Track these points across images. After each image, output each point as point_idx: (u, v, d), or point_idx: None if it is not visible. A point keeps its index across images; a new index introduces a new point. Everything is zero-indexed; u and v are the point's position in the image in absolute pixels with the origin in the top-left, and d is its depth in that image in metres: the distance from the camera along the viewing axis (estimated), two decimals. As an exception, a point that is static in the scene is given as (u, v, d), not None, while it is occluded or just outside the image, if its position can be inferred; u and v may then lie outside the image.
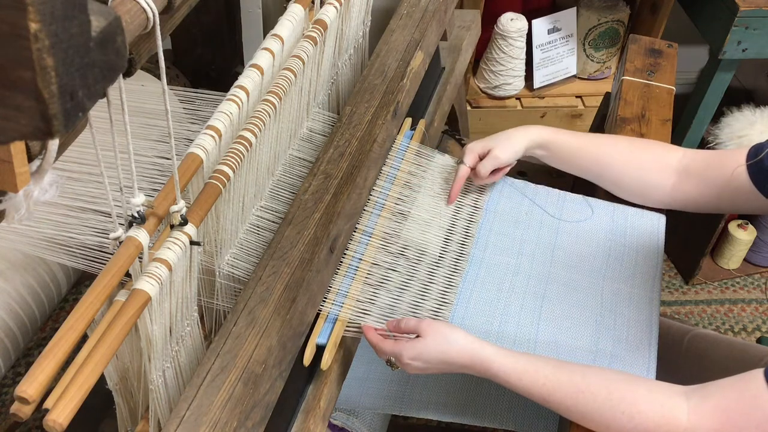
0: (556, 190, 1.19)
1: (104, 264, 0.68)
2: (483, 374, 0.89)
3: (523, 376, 0.86)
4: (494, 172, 1.12)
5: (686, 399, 0.82)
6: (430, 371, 0.91)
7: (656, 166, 1.09)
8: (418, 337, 0.90)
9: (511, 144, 1.10)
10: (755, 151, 0.99)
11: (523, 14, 2.02)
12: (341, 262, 0.97)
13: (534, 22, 2.02)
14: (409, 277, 1.01)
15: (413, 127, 1.16)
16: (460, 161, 1.12)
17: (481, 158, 1.11)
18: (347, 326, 0.94)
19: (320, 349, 0.90)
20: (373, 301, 0.97)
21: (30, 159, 0.48)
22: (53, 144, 0.50)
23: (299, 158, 1.01)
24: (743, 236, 2.03)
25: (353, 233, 1.00)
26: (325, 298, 0.93)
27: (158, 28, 0.59)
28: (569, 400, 0.84)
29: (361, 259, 1.00)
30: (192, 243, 0.74)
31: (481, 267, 1.07)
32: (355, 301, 0.95)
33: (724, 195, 1.03)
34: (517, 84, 2.10)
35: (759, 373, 0.78)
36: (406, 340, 0.91)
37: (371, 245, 1.01)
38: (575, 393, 0.84)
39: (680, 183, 1.08)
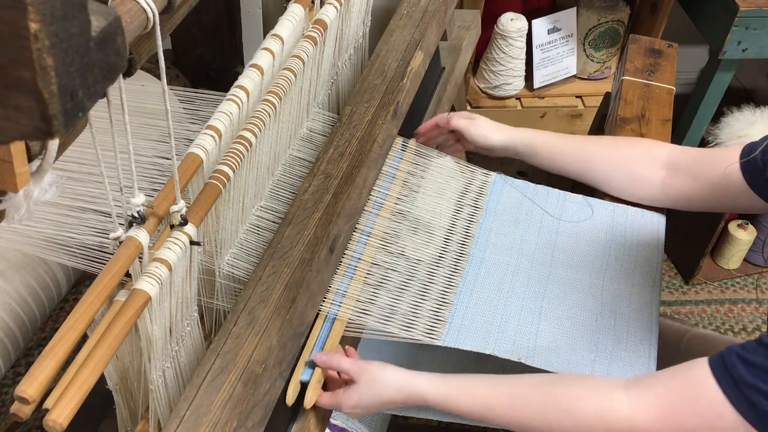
0: (556, 190, 1.19)
1: (104, 264, 0.68)
2: (422, 405, 0.88)
3: (459, 398, 0.85)
4: (459, 141, 1.19)
5: (626, 390, 0.80)
6: (374, 412, 0.91)
7: (643, 159, 1.10)
8: (352, 383, 0.89)
9: (493, 127, 1.16)
10: (749, 150, 0.99)
11: (523, 14, 2.02)
12: (341, 262, 0.97)
13: (534, 22, 2.02)
14: (409, 277, 1.01)
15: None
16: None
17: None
18: (347, 326, 0.94)
19: (303, 386, 0.88)
20: (373, 301, 0.97)
21: (30, 159, 0.48)
22: (53, 144, 0.50)
23: (299, 158, 1.01)
24: (743, 236, 2.03)
25: (353, 233, 1.00)
26: (325, 297, 0.93)
27: (158, 28, 0.59)
28: (507, 411, 0.83)
29: (360, 259, 1.00)
30: (192, 243, 0.74)
31: (481, 267, 1.07)
32: (354, 301, 0.95)
33: (717, 192, 1.03)
34: (517, 84, 2.10)
35: (703, 361, 0.77)
36: (342, 391, 0.89)
37: (371, 245, 1.01)
38: (511, 402, 0.83)
39: (670, 178, 1.08)
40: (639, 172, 1.10)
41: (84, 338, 0.66)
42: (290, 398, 0.86)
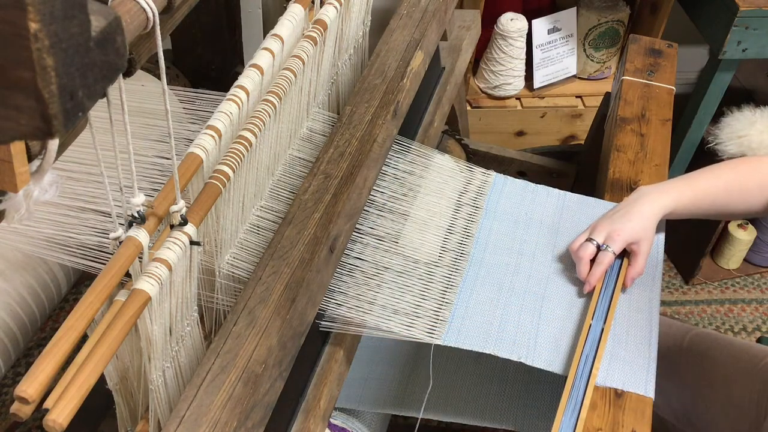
0: (556, 190, 1.19)
1: (104, 264, 0.68)
2: None
3: None
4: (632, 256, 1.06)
5: None
6: None
7: (760, 193, 1.07)
8: None
9: (652, 228, 1.04)
10: None
11: (523, 14, 2.02)
12: (341, 262, 0.97)
13: (534, 22, 2.02)
14: (408, 277, 1.01)
15: None
16: (606, 247, 1.03)
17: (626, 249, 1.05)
18: (348, 326, 0.94)
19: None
20: (373, 301, 0.97)
21: (30, 159, 0.48)
22: (53, 144, 0.50)
23: (299, 158, 1.01)
24: (743, 236, 2.03)
25: (353, 233, 1.00)
26: (326, 297, 0.93)
27: (158, 28, 0.59)
28: None
29: (360, 259, 1.00)
30: (192, 243, 0.74)
31: (481, 267, 1.07)
32: (355, 300, 0.95)
33: None
34: (517, 84, 2.10)
35: None
36: None
37: (371, 245, 1.02)
38: None
39: None
40: (754, 208, 1.08)
41: (84, 338, 0.66)
42: None
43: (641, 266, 1.04)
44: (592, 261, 1.03)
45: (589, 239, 1.04)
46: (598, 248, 1.03)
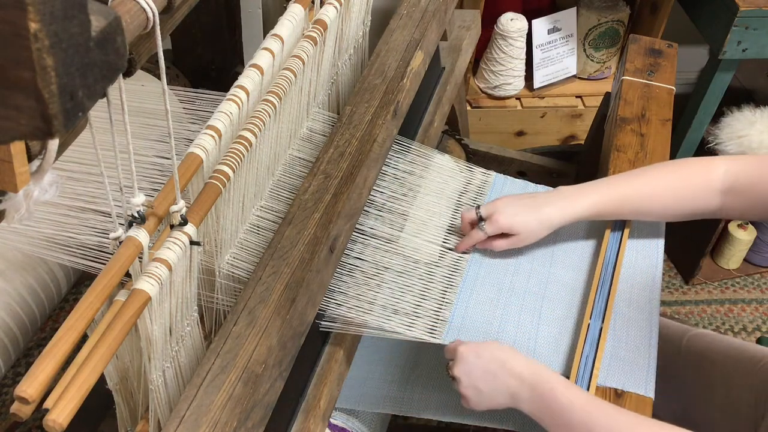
0: (556, 190, 1.19)
1: (104, 264, 0.68)
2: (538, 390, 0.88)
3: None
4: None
5: None
6: (475, 372, 0.91)
7: (701, 195, 1.05)
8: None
9: (539, 231, 1.05)
10: None
11: (523, 14, 2.02)
12: (341, 262, 0.97)
13: (534, 22, 2.02)
14: (409, 277, 1.01)
15: None
16: (480, 219, 1.05)
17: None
18: (348, 326, 0.94)
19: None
20: (373, 301, 0.97)
21: (30, 159, 0.48)
22: (53, 144, 0.50)
23: (299, 158, 1.01)
24: (743, 236, 2.03)
25: (353, 233, 1.00)
26: (326, 297, 0.93)
27: (158, 28, 0.59)
28: None
29: (360, 259, 1.00)
30: (192, 243, 0.74)
31: (481, 267, 1.07)
32: (355, 300, 0.95)
33: None
34: (517, 84, 2.10)
35: None
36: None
37: (371, 245, 1.01)
38: None
39: (727, 203, 1.04)
40: (698, 210, 1.06)
41: (84, 338, 0.66)
42: None
43: (500, 246, 1.06)
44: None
45: (477, 206, 1.06)
46: (481, 219, 1.05)
